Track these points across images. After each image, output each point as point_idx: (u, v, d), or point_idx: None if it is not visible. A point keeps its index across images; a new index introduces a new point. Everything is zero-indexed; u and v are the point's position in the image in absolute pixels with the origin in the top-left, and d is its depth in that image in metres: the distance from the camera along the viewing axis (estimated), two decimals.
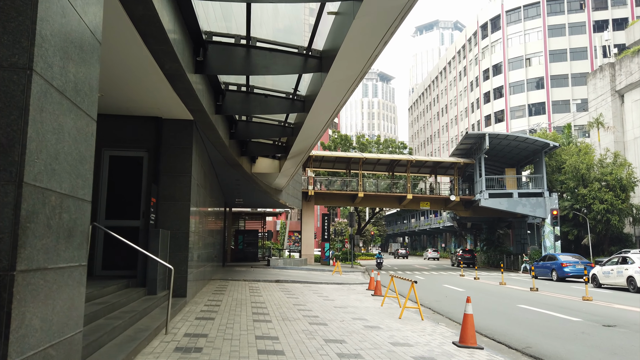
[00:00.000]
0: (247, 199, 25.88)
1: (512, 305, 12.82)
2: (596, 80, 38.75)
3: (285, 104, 10.52)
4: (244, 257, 33.63)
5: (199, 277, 12.44)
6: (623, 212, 31.10)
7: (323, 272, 26.75)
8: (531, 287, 17.66)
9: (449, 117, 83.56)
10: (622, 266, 18.84)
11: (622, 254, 29.20)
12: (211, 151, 13.22)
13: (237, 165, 14.93)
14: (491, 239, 44.90)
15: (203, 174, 12.50)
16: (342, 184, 36.22)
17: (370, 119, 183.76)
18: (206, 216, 14.06)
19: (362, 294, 14.74)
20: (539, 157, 33.52)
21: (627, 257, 19.14)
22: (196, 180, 10.64)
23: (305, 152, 14.96)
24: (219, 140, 11.22)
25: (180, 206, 9.62)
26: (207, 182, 13.68)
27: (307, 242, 35.45)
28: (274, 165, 17.74)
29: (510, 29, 66.36)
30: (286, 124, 12.80)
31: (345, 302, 12.06)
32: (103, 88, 8.01)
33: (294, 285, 16.37)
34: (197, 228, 11.30)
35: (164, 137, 9.72)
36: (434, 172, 39.30)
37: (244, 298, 11.53)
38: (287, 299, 11.84)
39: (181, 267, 9.47)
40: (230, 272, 21.42)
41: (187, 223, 9.61)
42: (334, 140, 46.28)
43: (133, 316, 6.43)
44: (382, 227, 77.08)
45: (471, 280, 23.51)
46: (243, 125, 12.79)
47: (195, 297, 10.89)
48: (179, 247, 9.53)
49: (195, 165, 10.34)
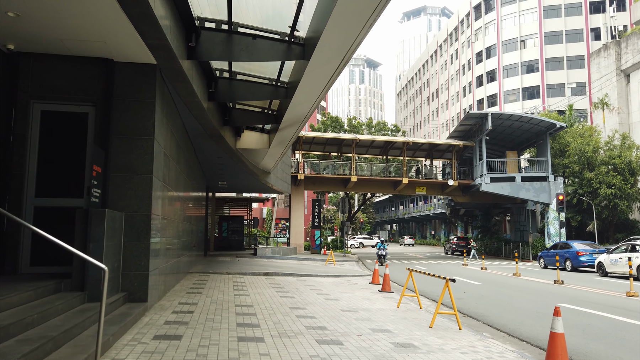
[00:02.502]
0: (232, 181, 23.34)
1: (553, 305, 10.66)
2: (600, 59, 36.85)
3: (280, 48, 8.04)
4: (228, 246, 31.27)
5: (171, 272, 10.00)
6: (631, 197, 29.38)
7: (315, 262, 24.48)
8: (555, 280, 15.61)
9: (440, 101, 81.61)
10: (632, 254, 17.12)
11: (632, 241, 27.65)
12: (186, 117, 10.70)
13: (218, 138, 12.42)
14: (487, 226, 43.16)
15: (175, 144, 9.98)
16: (333, 167, 33.84)
17: (357, 106, 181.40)
18: (181, 198, 11.57)
19: (367, 289, 12.49)
20: (542, 139, 31.54)
21: (637, 245, 17.50)
22: (162, 147, 8.15)
23: (301, 121, 12.50)
24: (194, 99, 8.71)
25: (139, 180, 7.14)
26: (180, 156, 11.17)
27: (296, 230, 33.10)
28: (263, 140, 15.26)
29: (504, 9, 64.23)
30: (279, 83, 10.33)
31: (352, 302, 9.77)
32: (19, 4, 5.46)
33: (286, 280, 14.03)
34: (165, 210, 8.84)
35: (117, 86, 7.20)
36: (430, 156, 37.14)
37: (226, 299, 9.13)
38: (280, 300, 9.49)
39: (140, 261, 7.03)
40: (212, 263, 18.99)
41: (148, 202, 7.14)
42: (324, 122, 43.80)
43: (48, 341, 4.02)
44: (371, 215, 75.17)
45: (477, 270, 21.48)
46: (225, 84, 10.25)
47: (162, 300, 8.45)
48: (138, 235, 7.07)
49: (160, 127, 7.84)
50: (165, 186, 8.70)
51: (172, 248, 10.05)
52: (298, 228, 33.15)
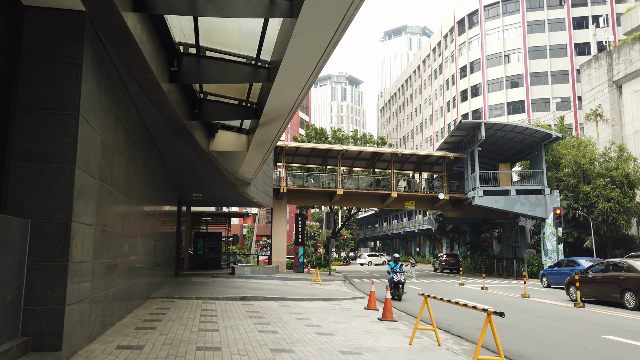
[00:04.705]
0: (207, 193, 21.07)
1: (596, 338, 8.71)
2: (591, 70, 36.01)
3: (259, 1, 6.04)
4: (204, 265, 28.81)
5: (117, 299, 7.75)
6: (630, 211, 28.02)
7: (299, 281, 22.23)
8: (575, 302, 13.72)
9: (424, 116, 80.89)
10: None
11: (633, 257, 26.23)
12: (143, 105, 8.59)
13: (186, 135, 10.32)
14: (476, 243, 41.50)
15: (124, 135, 7.82)
16: (318, 180, 31.82)
17: (340, 123, 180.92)
18: (137, 206, 9.35)
19: (365, 317, 10.38)
20: (537, 150, 30.16)
21: None
22: (99, 132, 6.01)
23: (285, 116, 10.48)
24: (148, 76, 6.65)
25: (55, 173, 4.98)
26: (135, 153, 8.99)
27: (278, 247, 30.78)
28: (240, 141, 13.17)
29: (488, 24, 64.07)
30: (259, 62, 8.32)
31: (352, 337, 7.65)
32: None
33: (267, 305, 11.81)
34: (107, 220, 6.65)
35: (27, 40, 5.08)
36: (419, 169, 35.46)
37: (186, 337, 6.91)
38: (259, 337, 7.31)
39: (52, 290, 4.83)
40: (182, 284, 16.62)
41: (67, 205, 4.97)
42: (307, 134, 41.90)
43: None
44: (355, 231, 73.14)
45: (477, 290, 19.55)
46: (192, 62, 8.18)
47: (94, 343, 6.16)
48: (50, 253, 4.88)
49: (94, 103, 5.71)
50: (105, 187, 6.52)
51: (120, 269, 7.82)
52: (280, 245, 30.85)
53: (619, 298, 13.56)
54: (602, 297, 14.53)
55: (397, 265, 15.25)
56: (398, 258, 15.86)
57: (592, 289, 14.94)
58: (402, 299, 15.05)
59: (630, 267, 13.70)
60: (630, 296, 13.19)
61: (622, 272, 13.90)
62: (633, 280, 13.17)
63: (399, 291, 15.10)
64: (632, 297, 13.10)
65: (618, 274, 13.98)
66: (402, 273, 15.17)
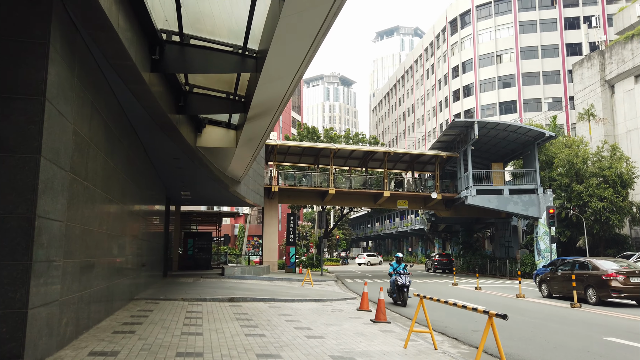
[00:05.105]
0: (196, 191, 20.56)
1: (598, 341, 8.39)
2: (583, 69, 35.97)
3: None
4: (194, 265, 28.27)
5: (94, 301, 7.29)
6: (623, 210, 27.93)
7: (290, 282, 21.82)
8: (572, 303, 13.44)
9: (416, 116, 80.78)
10: None
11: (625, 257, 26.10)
12: (124, 96, 8.14)
13: (171, 130, 9.88)
14: (469, 242, 41.32)
15: (102, 127, 7.37)
16: (310, 179, 31.39)
17: (332, 123, 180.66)
18: (118, 204, 8.89)
19: (357, 318, 9.99)
20: (530, 149, 29.98)
21: None
22: (71, 122, 5.57)
23: (275, 110, 10.07)
24: (127, 62, 6.20)
25: (17, 163, 4.53)
26: (116, 147, 8.53)
27: (269, 247, 30.32)
28: (229, 137, 12.72)
29: (480, 24, 64.07)
30: (247, 51, 7.91)
31: (343, 340, 7.25)
32: None
33: (256, 307, 11.38)
34: (82, 216, 6.20)
35: None
36: (411, 168, 35.18)
37: (166, 342, 6.47)
38: (246, 341, 6.89)
39: (12, 292, 4.39)
40: (170, 285, 16.14)
41: (31, 199, 4.53)
42: (300, 133, 41.50)
43: None
44: (347, 231, 72.79)
45: (471, 290, 19.26)
46: (175, 51, 7.75)
47: (64, 349, 5.69)
48: (11, 251, 4.43)
49: (65, 89, 5.27)
50: (79, 181, 6.07)
51: (98, 269, 7.36)
52: (271, 245, 30.40)
53: (582, 294, 14.45)
54: (568, 293, 14.99)
55: (400, 266, 13.40)
56: (402, 258, 13.91)
57: (561, 285, 15.70)
58: (407, 304, 13.21)
59: (593, 266, 14.74)
60: (592, 292, 14.24)
61: (585, 271, 14.90)
62: (594, 278, 14.22)
63: (403, 295, 13.18)
64: (593, 293, 14.18)
65: (582, 272, 14.92)
66: (407, 275, 13.31)
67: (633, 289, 13.30)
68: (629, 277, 13.42)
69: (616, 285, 13.33)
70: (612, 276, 13.54)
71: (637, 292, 13.37)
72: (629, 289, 13.26)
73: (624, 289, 13.26)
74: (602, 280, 13.79)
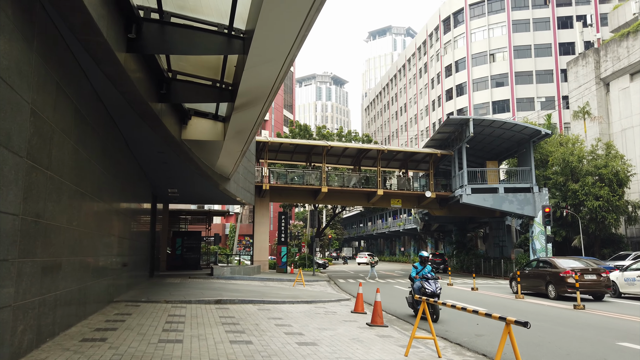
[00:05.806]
0: (184, 188, 19.80)
1: (612, 346, 7.83)
2: (578, 68, 35.66)
3: None
4: (182, 265, 27.50)
5: (64, 304, 6.56)
6: (619, 209, 27.59)
7: (281, 282, 21.14)
8: (575, 304, 12.92)
9: (409, 115, 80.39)
10: None
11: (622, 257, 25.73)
12: (98, 80, 7.43)
13: (153, 120, 9.14)
14: (462, 242, 40.91)
15: (71, 111, 6.65)
16: (302, 177, 30.72)
17: (324, 122, 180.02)
18: (94, 199, 8.16)
19: (352, 321, 9.35)
20: (525, 147, 29.57)
21: None
22: (28, 101, 4.86)
23: (265, 98, 9.38)
24: (98, 39, 5.49)
25: None
26: (89, 135, 7.80)
27: (260, 246, 29.60)
28: (216, 129, 12.00)
29: (473, 23, 63.78)
30: (233, 31, 7.22)
31: (338, 348, 6.60)
32: None
33: (244, 309, 10.69)
34: (39, 209, 5.48)
35: None
36: (405, 166, 34.63)
37: (139, 353, 5.77)
38: (230, 349, 6.21)
39: None
40: (155, 286, 15.38)
41: None
42: (292, 131, 40.80)
43: None
44: (339, 231, 72.21)
45: (467, 291, 18.72)
46: (154, 29, 7.04)
47: None
48: None
49: (15, 57, 4.56)
50: (40, 170, 5.36)
51: (66, 270, 6.64)
52: (262, 244, 29.68)
53: (544, 290, 16.08)
54: (533, 289, 16.92)
55: (424, 269, 10.34)
56: (427, 258, 10.63)
57: (528, 282, 17.19)
58: (439, 319, 10.20)
59: (552, 264, 16.27)
60: (552, 288, 15.73)
61: (547, 268, 16.41)
62: (553, 275, 15.74)
63: (434, 307, 9.80)
64: (553, 289, 15.67)
65: (544, 270, 16.51)
66: (436, 280, 10.16)
67: (587, 285, 14.93)
68: (583, 275, 14.97)
69: (571, 281, 14.63)
70: (568, 273, 15.08)
71: (591, 288, 15.08)
72: (583, 285, 14.64)
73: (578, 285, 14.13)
74: (559, 277, 15.34)
